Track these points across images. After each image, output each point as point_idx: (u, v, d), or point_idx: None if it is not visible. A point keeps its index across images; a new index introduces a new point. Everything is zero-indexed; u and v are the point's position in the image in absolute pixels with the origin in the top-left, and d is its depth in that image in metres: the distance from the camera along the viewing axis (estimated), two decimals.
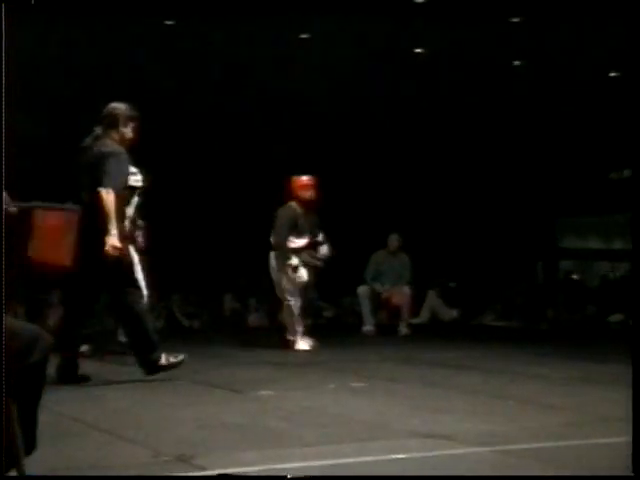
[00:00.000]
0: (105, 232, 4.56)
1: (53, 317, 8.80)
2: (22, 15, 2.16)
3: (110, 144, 4.74)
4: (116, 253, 4.59)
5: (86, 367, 5.38)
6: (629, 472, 2.39)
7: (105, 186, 4.60)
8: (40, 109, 8.50)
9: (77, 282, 4.69)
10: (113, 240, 4.58)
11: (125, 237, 4.78)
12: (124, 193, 4.82)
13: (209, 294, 9.93)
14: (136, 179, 5.69)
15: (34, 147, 8.27)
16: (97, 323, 6.31)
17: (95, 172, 4.65)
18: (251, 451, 3.01)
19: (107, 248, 4.56)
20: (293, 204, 6.69)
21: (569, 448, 3.08)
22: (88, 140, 4.82)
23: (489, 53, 8.78)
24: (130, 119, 4.83)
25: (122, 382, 4.80)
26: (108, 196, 4.60)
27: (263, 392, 4.44)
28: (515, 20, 8.09)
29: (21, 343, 2.10)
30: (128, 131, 4.83)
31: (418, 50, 8.99)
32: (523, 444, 3.13)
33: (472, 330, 9.70)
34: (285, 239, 6.60)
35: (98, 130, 4.80)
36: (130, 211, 5.60)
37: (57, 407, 3.17)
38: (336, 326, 9.69)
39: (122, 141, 4.81)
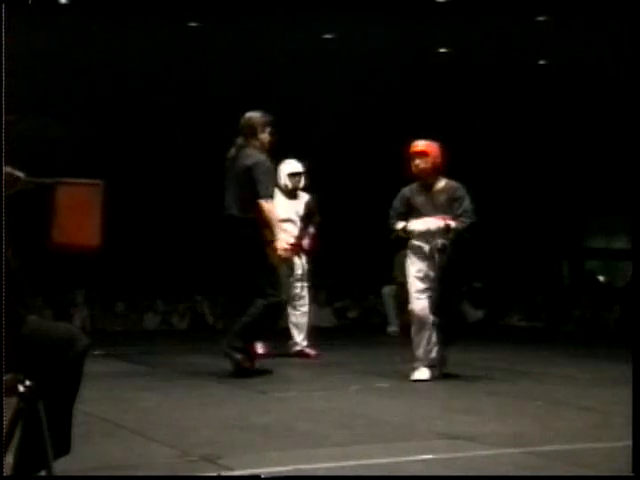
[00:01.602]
0: (267, 239, 4.94)
1: (78, 317, 8.91)
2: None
3: (253, 154, 5.00)
4: (288, 254, 5.07)
5: (107, 366, 5.45)
6: (629, 472, 2.38)
7: (263, 196, 4.90)
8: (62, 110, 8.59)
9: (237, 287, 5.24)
10: (281, 244, 4.99)
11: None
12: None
13: (234, 295, 9.96)
14: (294, 166, 6.07)
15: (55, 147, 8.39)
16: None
17: (245, 184, 4.93)
18: (277, 451, 3.04)
19: (279, 253, 4.97)
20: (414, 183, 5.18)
21: (598, 450, 3.06)
22: (232, 151, 5.08)
23: (517, 51, 8.71)
24: (266, 124, 5.07)
25: (149, 382, 4.85)
26: (269, 205, 4.93)
27: (288, 393, 4.48)
28: (541, 19, 8.03)
29: (54, 342, 2.13)
30: (266, 136, 5.06)
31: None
32: (551, 446, 3.12)
33: (498, 331, 9.64)
34: (391, 227, 5.23)
35: (240, 141, 5.06)
36: (299, 208, 6.11)
37: (85, 407, 3.20)
38: (360, 326, 9.69)
39: (263, 146, 5.06)
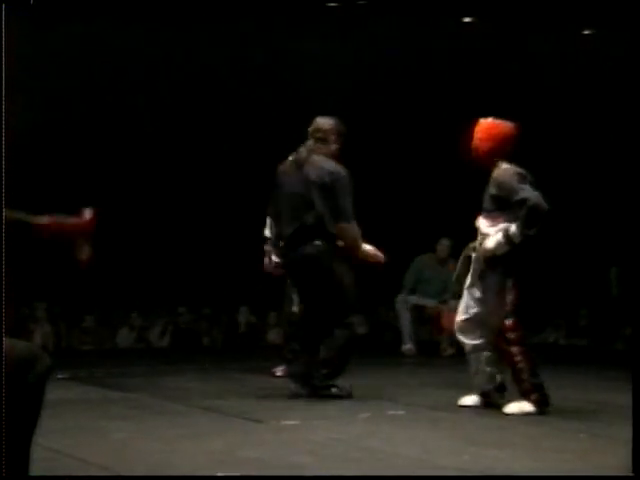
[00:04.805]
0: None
1: (39, 333, 8.92)
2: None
3: (329, 161, 5.39)
4: (378, 257, 5.45)
5: (73, 391, 5.46)
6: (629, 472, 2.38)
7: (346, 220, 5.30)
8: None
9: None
10: (366, 250, 5.40)
11: None
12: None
13: (221, 307, 9.98)
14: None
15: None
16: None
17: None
18: None
19: (371, 257, 5.40)
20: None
21: None
22: (300, 155, 5.43)
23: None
24: (339, 134, 5.48)
25: (123, 410, 4.85)
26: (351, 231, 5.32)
27: (286, 421, 4.48)
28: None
29: (15, 363, 2.13)
30: (336, 146, 5.46)
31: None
32: None
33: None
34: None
35: (310, 144, 5.44)
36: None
37: (46, 440, 3.20)
38: (371, 344, 9.67)
39: (331, 156, 5.43)
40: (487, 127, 5.04)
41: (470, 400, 5.03)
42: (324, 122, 5.46)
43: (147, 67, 9.26)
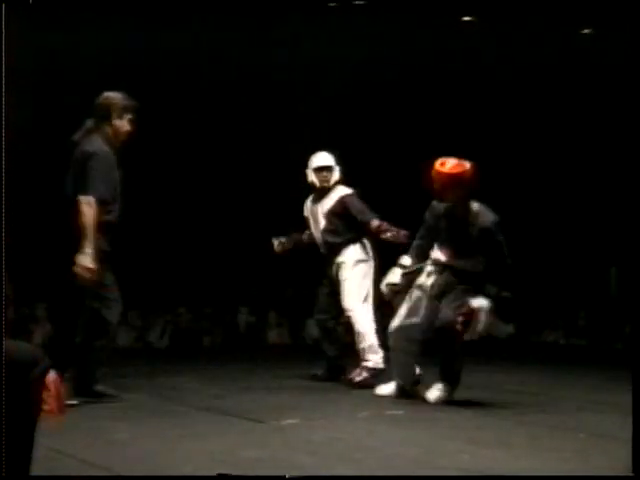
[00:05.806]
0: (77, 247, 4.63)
1: (39, 333, 8.93)
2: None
3: (96, 141, 4.81)
4: (87, 275, 4.65)
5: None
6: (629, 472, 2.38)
7: (85, 193, 4.70)
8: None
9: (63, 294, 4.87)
10: (84, 260, 4.64)
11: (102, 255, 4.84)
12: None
13: (221, 307, 9.98)
14: (320, 159, 6.02)
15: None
16: None
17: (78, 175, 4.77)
18: None
19: (77, 269, 4.63)
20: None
21: None
22: (78, 134, 4.88)
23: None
24: (126, 110, 4.90)
25: (122, 411, 4.85)
26: (87, 206, 4.70)
27: (286, 421, 4.49)
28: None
29: (15, 363, 2.13)
30: (124, 124, 4.90)
31: None
32: None
33: (531, 349, 9.65)
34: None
35: (89, 123, 4.88)
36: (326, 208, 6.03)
37: (47, 440, 3.21)
38: None
39: (116, 135, 4.89)
40: (447, 175, 4.93)
41: (386, 389, 5.40)
42: (106, 97, 4.88)
43: (147, 67, 9.31)
